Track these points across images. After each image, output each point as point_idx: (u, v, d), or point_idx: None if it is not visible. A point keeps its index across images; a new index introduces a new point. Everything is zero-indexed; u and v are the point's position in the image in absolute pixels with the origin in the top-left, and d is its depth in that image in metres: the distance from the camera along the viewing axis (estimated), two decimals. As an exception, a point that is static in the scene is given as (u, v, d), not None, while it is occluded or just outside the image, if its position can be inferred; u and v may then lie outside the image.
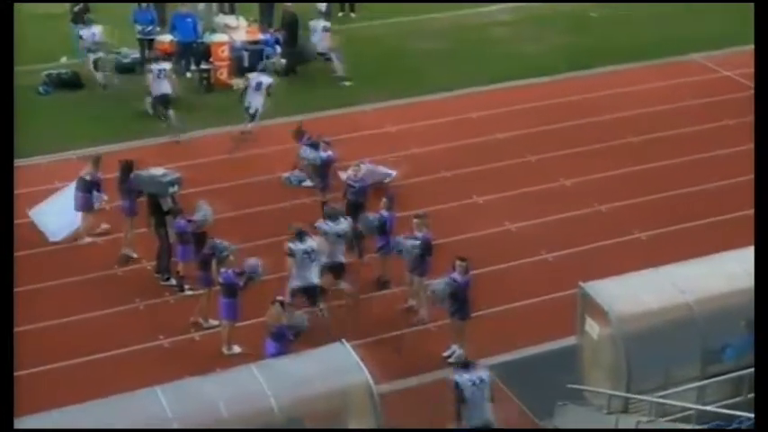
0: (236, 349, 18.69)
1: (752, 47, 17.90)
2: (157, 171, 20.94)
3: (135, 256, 21.25)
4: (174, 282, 20.54)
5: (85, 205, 21.82)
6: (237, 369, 15.19)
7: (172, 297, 20.34)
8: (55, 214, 22.35)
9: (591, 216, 23.18)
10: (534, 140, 26.10)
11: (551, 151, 25.58)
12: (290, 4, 30.30)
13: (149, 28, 29.20)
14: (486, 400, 16.02)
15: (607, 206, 23.47)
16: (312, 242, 18.71)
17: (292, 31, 29.64)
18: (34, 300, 19.97)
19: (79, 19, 29.84)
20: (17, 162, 23.20)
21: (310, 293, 18.84)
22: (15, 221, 20.83)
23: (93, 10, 30.19)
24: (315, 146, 22.42)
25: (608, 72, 30.12)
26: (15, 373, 16.09)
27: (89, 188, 21.68)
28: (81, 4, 30.23)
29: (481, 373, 16.16)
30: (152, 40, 29.17)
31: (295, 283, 18.86)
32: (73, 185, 22.27)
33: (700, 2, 34.38)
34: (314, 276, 18.89)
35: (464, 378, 15.98)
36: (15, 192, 21.64)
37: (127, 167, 21.24)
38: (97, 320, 19.70)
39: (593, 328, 16.43)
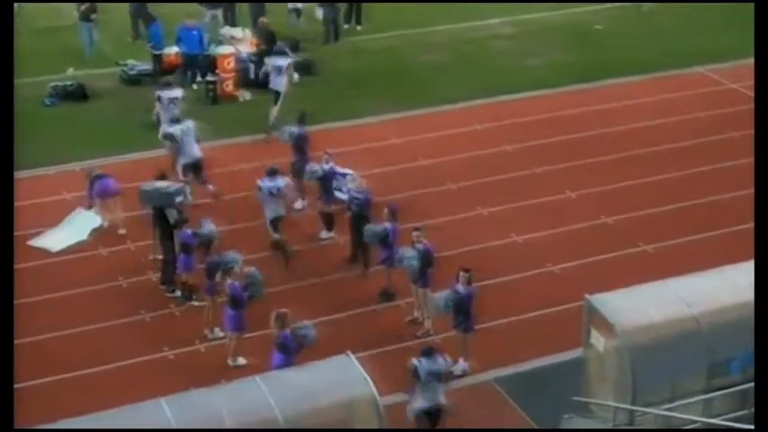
0: (242, 361, 18.65)
1: (757, 59, 17.87)
2: (161, 183, 20.94)
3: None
4: (179, 293, 20.51)
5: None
6: (243, 381, 15.20)
7: (177, 309, 20.31)
8: (56, 234, 22.42)
9: (597, 228, 23.14)
10: (540, 152, 26.07)
11: (557, 163, 25.55)
12: (265, 20, 30.31)
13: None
14: (441, 384, 16.58)
15: (613, 218, 23.43)
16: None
17: (269, 46, 29.52)
18: (38, 311, 19.97)
19: (85, 18, 30.02)
20: (23, 173, 23.39)
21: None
22: (19, 233, 20.98)
23: (100, 9, 30.48)
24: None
25: (613, 84, 30.07)
26: (19, 385, 16.18)
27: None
28: (87, 3, 30.40)
29: (440, 361, 16.59)
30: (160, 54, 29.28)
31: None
32: (76, 212, 22.61)
33: (707, 1, 34.48)
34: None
35: (423, 365, 16.45)
36: (21, 203, 21.82)
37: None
38: (102, 332, 19.67)
39: (598, 340, 16.40)
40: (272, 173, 21.45)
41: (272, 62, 26.78)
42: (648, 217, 23.50)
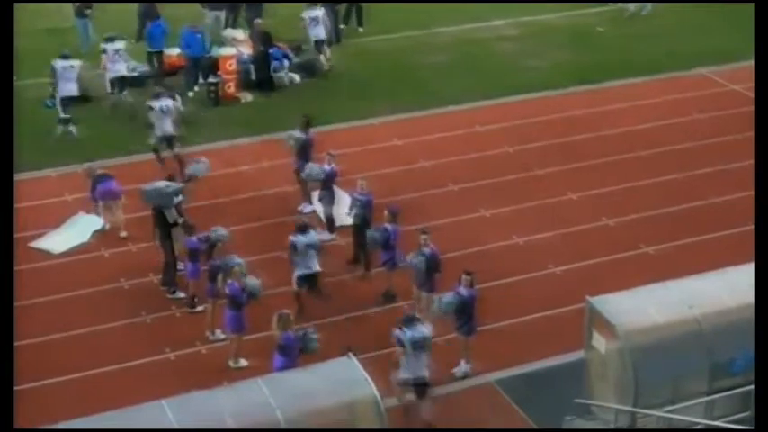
0: (243, 362, 18.65)
1: (759, 61, 17.86)
2: (161, 184, 20.95)
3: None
4: (180, 295, 20.52)
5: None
6: (244, 382, 15.19)
7: (178, 310, 20.31)
8: (58, 236, 22.45)
9: (598, 230, 23.12)
10: (541, 154, 26.07)
11: (559, 165, 25.54)
12: (260, 20, 30.44)
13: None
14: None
15: (615, 220, 23.41)
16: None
17: (266, 47, 29.59)
18: (39, 313, 19.98)
19: (80, 13, 30.11)
20: (24, 175, 23.41)
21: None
22: (20, 234, 21.00)
23: (97, 7, 30.79)
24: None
25: (615, 86, 30.05)
26: (19, 387, 16.18)
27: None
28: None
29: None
30: (161, 53, 29.32)
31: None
32: (78, 215, 22.66)
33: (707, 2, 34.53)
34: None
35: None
36: (22, 205, 21.84)
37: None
38: (103, 334, 19.67)
39: (600, 342, 16.38)
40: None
41: (307, 14, 29.98)
42: (650, 219, 23.48)
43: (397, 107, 28.36)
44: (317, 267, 19.76)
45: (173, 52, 29.57)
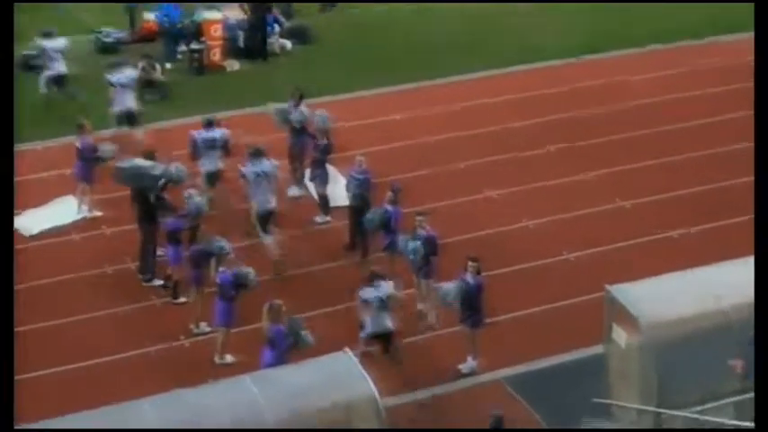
0: (230, 358, 18.51)
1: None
2: (144, 162, 20.67)
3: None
4: (157, 282, 20.40)
5: (82, 174, 22.10)
6: (231, 380, 15.09)
7: (159, 300, 20.14)
8: (35, 215, 22.33)
9: (615, 212, 23.01)
10: (553, 129, 25.97)
11: (571, 141, 25.45)
12: None
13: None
14: (389, 310, 17.96)
15: (632, 201, 23.29)
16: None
17: (262, 12, 29.36)
18: None
19: None
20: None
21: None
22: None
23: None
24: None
25: (629, 55, 29.95)
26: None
27: (82, 156, 22.00)
28: None
29: (385, 287, 17.86)
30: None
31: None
32: (63, 199, 22.62)
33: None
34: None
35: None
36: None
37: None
38: (76, 327, 19.49)
39: (620, 335, 16.30)
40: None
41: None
42: (672, 200, 23.38)
43: (396, 78, 28.25)
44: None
45: (149, 16, 29.47)
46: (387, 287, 17.95)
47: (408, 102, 27.22)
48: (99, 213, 22.36)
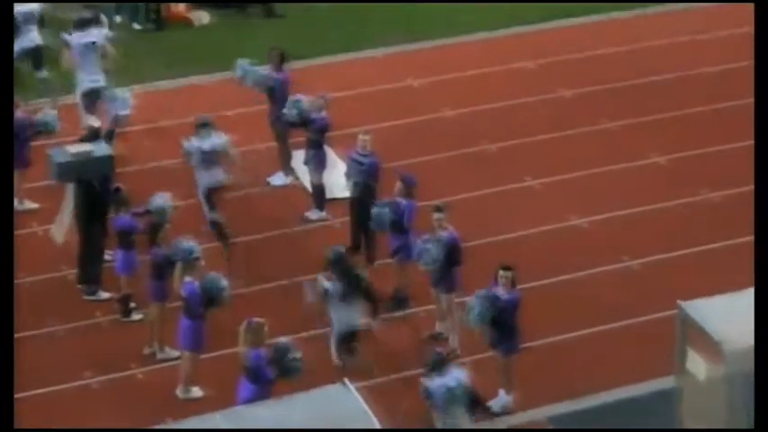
0: (197, 392, 18.67)
1: None
2: (82, 147, 20.82)
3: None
4: (103, 296, 20.62)
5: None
6: (198, 419, 15.09)
7: (104, 318, 20.31)
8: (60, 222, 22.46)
9: (694, 207, 23.17)
10: (612, 99, 26.21)
11: (635, 116, 25.65)
12: None
13: None
14: (355, 305, 18.74)
15: (718, 194, 23.42)
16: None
17: None
18: None
19: None
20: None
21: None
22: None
23: None
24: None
25: (701, 8, 30.04)
26: None
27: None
28: None
29: (459, 375, 16.74)
30: None
31: None
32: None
33: None
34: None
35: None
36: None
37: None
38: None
39: (698, 365, 16.37)
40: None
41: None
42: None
43: (409, 33, 28.34)
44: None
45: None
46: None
47: (425, 64, 27.43)
48: (33, 205, 22.56)
